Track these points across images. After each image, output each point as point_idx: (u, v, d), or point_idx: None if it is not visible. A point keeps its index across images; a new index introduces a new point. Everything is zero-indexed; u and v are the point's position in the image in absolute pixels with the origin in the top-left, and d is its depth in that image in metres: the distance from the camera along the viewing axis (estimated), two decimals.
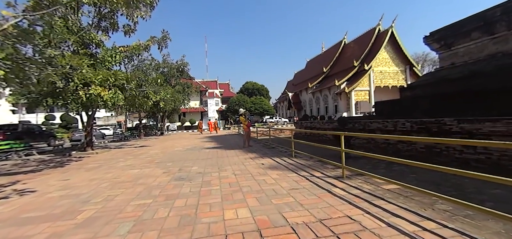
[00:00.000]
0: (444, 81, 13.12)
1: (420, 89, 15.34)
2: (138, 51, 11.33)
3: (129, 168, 6.87)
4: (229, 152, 9.39)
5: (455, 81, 12.20)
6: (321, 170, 5.33)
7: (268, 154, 8.20)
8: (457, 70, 13.16)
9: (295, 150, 7.45)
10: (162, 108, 19.66)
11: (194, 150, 10.81)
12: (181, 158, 8.23)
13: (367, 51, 47.01)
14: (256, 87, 65.73)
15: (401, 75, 46.89)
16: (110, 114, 48.87)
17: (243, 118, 10.89)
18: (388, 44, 45.55)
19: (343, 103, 47.21)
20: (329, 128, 17.08)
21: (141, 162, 7.89)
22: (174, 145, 13.98)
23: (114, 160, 8.64)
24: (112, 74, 8.94)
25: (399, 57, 46.27)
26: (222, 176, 5.26)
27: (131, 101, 12.63)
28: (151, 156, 9.33)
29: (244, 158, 7.59)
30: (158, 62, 24.46)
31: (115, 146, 16.25)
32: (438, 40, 15.36)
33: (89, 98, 9.12)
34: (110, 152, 11.51)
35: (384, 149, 12.31)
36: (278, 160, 6.83)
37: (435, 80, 14.36)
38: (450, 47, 14.48)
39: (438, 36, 15.15)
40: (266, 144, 11.71)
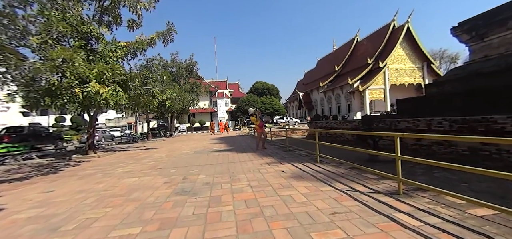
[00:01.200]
0: (477, 76, 11.64)
1: (449, 85, 13.82)
2: (142, 46, 10.41)
3: (126, 176, 5.89)
4: (241, 155, 8.31)
5: (490, 75, 10.76)
6: (362, 181, 4.15)
7: (287, 158, 7.07)
8: (491, 63, 11.67)
9: (319, 154, 6.28)
10: (169, 108, 18.81)
11: (202, 153, 9.79)
12: (187, 163, 7.22)
13: (382, 48, 45.07)
14: (266, 87, 64.57)
15: (418, 73, 44.71)
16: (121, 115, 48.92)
17: (254, 118, 9.76)
18: (404, 40, 43.48)
19: (356, 103, 45.40)
20: (348, 128, 15.76)
21: (142, 167, 6.93)
22: (181, 147, 13.04)
23: (113, 165, 7.72)
24: (109, 68, 8.01)
25: (416, 54, 44.11)
26: (235, 189, 4.16)
27: (135, 100, 11.75)
28: (155, 160, 8.37)
29: (259, 163, 6.49)
30: (166, 61, 23.74)
31: (121, 148, 15.49)
32: (469, 31, 13.80)
33: (87, 97, 8.25)
34: (113, 155, 10.67)
35: (415, 151, 10.93)
36: (300, 166, 5.69)
37: (466, 75, 12.85)
38: (482, 38, 12.95)
39: (468, 27, 13.60)
40: (281, 145, 10.56)
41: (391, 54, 43.16)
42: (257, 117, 9.68)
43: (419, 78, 44.36)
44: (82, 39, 9.37)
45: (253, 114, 9.82)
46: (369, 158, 9.82)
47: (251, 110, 10.02)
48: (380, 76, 43.25)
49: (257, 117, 9.69)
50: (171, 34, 11.32)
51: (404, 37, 42.96)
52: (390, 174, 3.90)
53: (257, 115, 9.72)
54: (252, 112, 9.87)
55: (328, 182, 4.25)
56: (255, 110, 9.84)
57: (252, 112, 9.89)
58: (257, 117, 9.69)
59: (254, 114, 9.78)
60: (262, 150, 9.42)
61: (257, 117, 9.69)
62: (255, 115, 9.75)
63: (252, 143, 12.88)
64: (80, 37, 9.40)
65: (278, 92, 67.99)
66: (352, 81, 44.72)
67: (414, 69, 44.41)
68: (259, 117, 9.72)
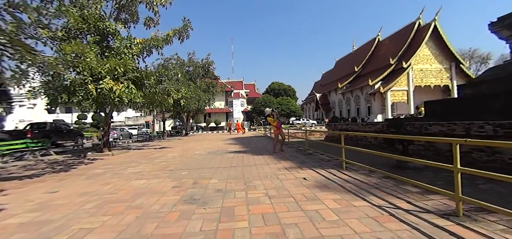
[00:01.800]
0: None
1: (487, 86, 12.51)
2: (158, 43, 10.16)
3: (135, 177, 5.53)
4: (257, 158, 7.76)
5: None
6: (403, 195, 3.45)
7: (307, 162, 6.43)
8: None
9: (346, 160, 5.59)
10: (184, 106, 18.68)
11: (216, 154, 9.35)
12: (199, 165, 6.78)
13: (405, 48, 42.90)
14: (282, 87, 63.72)
15: (445, 74, 42.13)
16: (139, 114, 50.07)
17: (271, 118, 9.16)
18: (430, 40, 41.10)
19: (377, 105, 43.50)
20: (372, 130, 14.78)
21: (152, 168, 6.57)
22: (195, 147, 12.71)
23: (125, 164, 7.44)
24: (121, 64, 7.75)
25: (443, 54, 41.56)
26: (250, 199, 3.61)
27: (150, 99, 11.56)
28: (168, 160, 8.01)
29: (277, 167, 5.90)
30: (183, 61, 23.73)
31: (136, 146, 15.46)
32: (510, 26, 12.47)
33: (101, 94, 8.07)
34: (127, 154, 10.50)
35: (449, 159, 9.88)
36: (324, 173, 5.04)
37: (507, 75, 11.56)
38: None
39: (510, 21, 12.27)
40: (299, 148, 9.90)
41: (416, 54, 40.95)
42: (274, 118, 9.09)
43: (446, 80, 41.78)
44: (99, 36, 9.26)
45: (269, 114, 9.24)
46: (397, 164, 8.94)
47: (268, 110, 9.43)
48: (403, 77, 41.16)
49: (274, 118, 9.10)
50: (187, 31, 11.00)
51: (431, 36, 40.61)
52: (438, 188, 3.19)
53: (274, 115, 9.12)
54: (268, 112, 9.29)
55: (361, 194, 3.59)
56: (271, 111, 9.25)
57: (269, 113, 9.31)
58: (274, 118, 9.10)
59: (271, 114, 9.20)
60: (279, 153, 8.83)
61: (274, 118, 9.10)
62: (272, 115, 9.16)
63: (268, 145, 12.30)
64: (97, 33, 9.29)
65: (295, 93, 66.87)
66: (373, 82, 42.89)
67: (441, 70, 41.89)
68: (276, 118, 9.12)
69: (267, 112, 9.26)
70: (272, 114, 9.13)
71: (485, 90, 12.37)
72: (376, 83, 43.27)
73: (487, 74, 13.98)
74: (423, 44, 40.95)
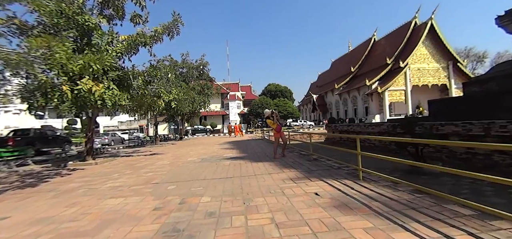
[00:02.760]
0: None
1: (495, 83, 11.80)
2: (145, 39, 9.22)
3: (111, 194, 4.59)
4: (257, 166, 6.87)
5: None
6: (457, 222, 2.59)
7: (314, 170, 5.57)
8: None
9: (362, 168, 4.73)
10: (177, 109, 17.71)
11: (211, 160, 8.44)
12: (190, 176, 5.87)
13: (402, 47, 42.60)
14: (279, 89, 63.02)
15: (442, 73, 41.88)
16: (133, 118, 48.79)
17: (271, 121, 8.28)
18: (427, 39, 40.84)
19: (374, 105, 43.05)
20: (375, 132, 13.99)
21: (136, 181, 5.63)
22: (189, 153, 11.76)
23: (105, 176, 6.48)
24: (97, 59, 6.76)
25: (440, 53, 41.34)
26: (252, 230, 2.72)
27: (138, 101, 10.61)
28: (155, 170, 7.07)
29: (281, 178, 5.02)
30: (176, 61, 22.76)
31: (126, 152, 14.44)
32: None
33: (79, 96, 7.11)
34: (113, 162, 9.50)
35: (466, 161, 9.11)
36: (338, 186, 4.19)
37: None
38: None
39: None
40: (301, 153, 9.04)
41: (413, 53, 40.62)
42: (274, 120, 8.22)
43: (444, 79, 41.52)
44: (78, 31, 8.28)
45: (269, 116, 8.36)
46: (410, 169, 8.10)
47: (267, 111, 8.54)
48: (400, 77, 40.76)
49: (274, 120, 8.22)
50: (178, 27, 10.08)
51: (428, 35, 40.35)
52: (500, 211, 2.34)
53: (274, 117, 8.25)
54: (268, 114, 8.41)
55: (398, 219, 2.72)
56: (271, 112, 8.37)
57: (268, 114, 8.43)
58: (274, 120, 8.22)
59: (271, 116, 8.32)
60: (280, 158, 7.95)
61: (274, 120, 8.22)
62: (272, 117, 8.28)
63: (267, 149, 11.41)
64: (77, 29, 8.32)
65: (292, 95, 66.24)
66: (370, 83, 42.43)
67: (438, 69, 41.64)
68: (276, 120, 8.25)
69: (266, 114, 8.40)
70: (272, 117, 8.27)
71: (494, 88, 11.69)
72: (373, 84, 42.78)
73: (495, 71, 13.31)
74: (420, 43, 40.64)
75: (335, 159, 6.67)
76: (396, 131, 12.42)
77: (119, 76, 8.42)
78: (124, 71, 9.68)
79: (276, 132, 8.28)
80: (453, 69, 41.28)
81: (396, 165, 9.19)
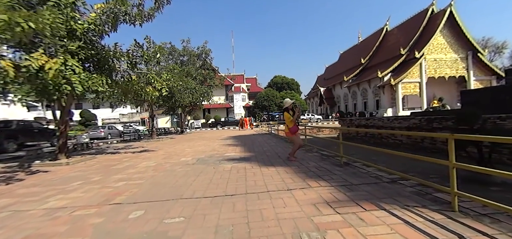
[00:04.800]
0: None
1: None
2: (125, 7, 7.33)
3: (29, 231, 2.82)
4: (268, 172, 5.03)
5: None
6: None
7: (358, 186, 3.71)
8: None
9: (457, 192, 2.83)
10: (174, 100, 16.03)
11: (208, 162, 6.62)
12: (173, 190, 4.07)
13: (417, 36, 39.93)
14: (285, 81, 60.77)
15: (461, 64, 39.18)
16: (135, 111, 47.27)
17: (289, 116, 6.21)
18: (445, 27, 38.11)
19: (386, 98, 40.69)
20: (404, 126, 12.02)
21: (92, 198, 3.81)
22: (184, 150, 9.98)
23: (59, 187, 4.65)
24: (28, 16, 4.65)
25: (459, 42, 38.59)
26: None
27: (123, 88, 8.80)
28: (131, 177, 5.23)
29: (311, 200, 3.15)
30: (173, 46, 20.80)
31: (115, 148, 12.72)
32: None
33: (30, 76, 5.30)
34: (89, 163, 7.70)
35: None
36: (426, 229, 2.33)
37: None
38: None
39: None
40: (323, 153, 7.16)
41: (429, 43, 37.99)
42: (293, 117, 6.16)
43: (462, 70, 38.88)
44: None
45: (288, 108, 6.27)
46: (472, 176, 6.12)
47: (288, 101, 6.42)
48: (415, 68, 38.28)
49: (294, 116, 6.17)
50: None
51: (446, 23, 37.58)
52: None
53: (295, 113, 6.20)
54: (289, 104, 6.30)
55: None
56: (293, 104, 6.32)
57: (289, 106, 6.31)
58: (294, 116, 6.17)
59: (291, 110, 6.25)
60: (295, 161, 6.07)
61: (293, 116, 6.17)
62: (291, 112, 6.21)
63: (277, 147, 9.56)
64: None
65: (299, 87, 63.94)
66: (382, 74, 40.02)
67: (456, 60, 38.94)
68: (296, 117, 6.21)
69: (286, 103, 6.27)
70: (293, 110, 6.22)
71: None
72: (386, 75, 40.36)
73: None
74: (438, 32, 37.96)
75: (372, 161, 4.82)
76: (431, 126, 10.44)
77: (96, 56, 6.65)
78: (105, 50, 7.84)
79: (290, 133, 6.29)
80: (473, 61, 38.53)
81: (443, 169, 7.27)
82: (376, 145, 13.08)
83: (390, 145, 12.56)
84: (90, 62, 7.65)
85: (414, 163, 8.43)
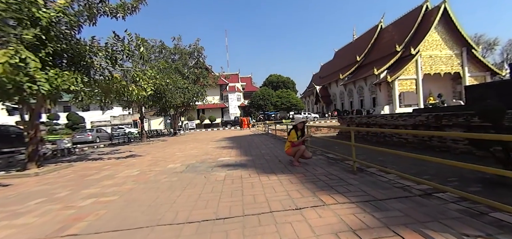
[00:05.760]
0: None
1: None
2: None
3: None
4: (269, 183, 4.23)
5: None
6: None
7: (385, 203, 2.91)
8: None
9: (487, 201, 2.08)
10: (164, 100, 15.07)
11: (199, 170, 5.77)
12: (151, 209, 3.23)
13: (412, 33, 39.69)
14: (281, 80, 60.05)
15: (456, 60, 39.05)
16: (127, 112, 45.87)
17: (296, 135, 5.41)
18: (440, 24, 37.97)
19: (383, 95, 40.36)
20: (409, 124, 11.33)
21: (42, 227, 2.97)
22: (174, 154, 9.09)
23: (13, 207, 3.75)
24: None
25: (454, 39, 38.51)
26: None
27: (103, 87, 7.88)
28: (104, 192, 4.32)
29: (330, 227, 2.36)
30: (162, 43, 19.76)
31: (99, 153, 11.75)
32: None
33: None
34: (60, 173, 6.65)
35: None
36: None
37: None
38: None
39: None
40: (329, 156, 6.39)
41: (425, 40, 37.80)
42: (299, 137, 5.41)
43: (457, 67, 38.77)
44: None
45: (297, 128, 5.48)
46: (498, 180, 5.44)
47: (299, 118, 5.72)
48: (411, 65, 38.02)
49: (300, 137, 5.43)
50: None
51: (441, 19, 37.40)
52: None
53: (305, 134, 5.51)
54: (299, 122, 5.47)
55: None
56: (303, 124, 5.56)
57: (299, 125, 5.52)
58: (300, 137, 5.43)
59: (301, 129, 5.53)
60: (299, 166, 5.27)
61: (299, 136, 5.43)
62: (299, 131, 5.48)
63: (276, 149, 8.76)
64: None
65: (295, 86, 63.31)
66: (379, 72, 39.65)
67: (451, 56, 38.81)
68: (301, 137, 5.47)
69: (297, 120, 5.42)
70: (303, 131, 5.52)
71: None
72: (382, 73, 40.00)
73: None
74: (432, 29, 37.79)
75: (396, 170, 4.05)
76: (439, 123, 9.77)
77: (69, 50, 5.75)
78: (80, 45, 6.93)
79: (291, 146, 5.48)
80: (467, 57, 38.45)
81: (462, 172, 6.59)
82: (379, 144, 12.39)
83: (395, 144, 11.88)
84: (63, 57, 6.72)
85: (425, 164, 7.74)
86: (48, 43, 5.83)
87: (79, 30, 7.29)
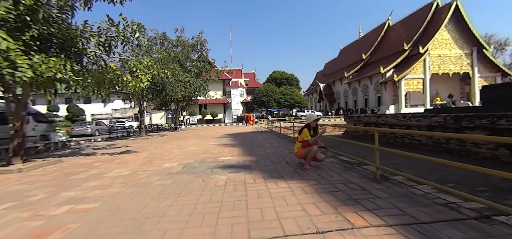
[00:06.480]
0: None
1: None
2: None
3: None
4: (277, 190, 3.60)
5: None
6: None
7: (421, 219, 2.29)
8: None
9: None
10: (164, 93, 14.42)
11: (197, 171, 5.14)
12: (134, 223, 2.62)
13: (421, 32, 38.49)
14: (285, 76, 59.14)
15: (465, 60, 37.90)
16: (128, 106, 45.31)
17: (309, 134, 4.73)
18: (451, 22, 36.76)
19: (388, 94, 39.41)
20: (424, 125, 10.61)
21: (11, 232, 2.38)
22: (172, 151, 8.48)
23: None
24: None
25: (464, 38, 37.30)
26: None
27: (96, 76, 7.22)
28: (87, 196, 3.68)
29: None
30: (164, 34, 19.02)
31: (94, 147, 11.17)
32: None
33: None
34: (46, 169, 6.04)
35: None
36: None
37: None
38: None
39: None
40: (341, 157, 5.73)
41: (434, 38, 36.67)
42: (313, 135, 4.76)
43: (466, 67, 37.66)
44: None
45: (310, 126, 4.82)
46: None
47: (312, 116, 5.12)
48: (419, 64, 36.96)
49: (315, 135, 4.78)
50: None
51: (451, 17, 36.19)
52: None
53: (318, 132, 4.87)
54: (312, 120, 4.80)
55: None
56: (316, 121, 4.90)
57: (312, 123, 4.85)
58: (315, 135, 4.78)
59: (314, 127, 4.89)
60: (310, 170, 4.60)
61: (314, 134, 4.78)
62: (312, 130, 4.83)
63: (283, 148, 8.11)
64: None
65: (298, 83, 62.40)
66: (385, 70, 38.67)
67: (461, 56, 37.64)
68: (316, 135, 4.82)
69: (310, 118, 4.76)
70: (316, 129, 4.88)
71: None
72: (388, 71, 39.03)
73: None
74: (443, 27, 36.63)
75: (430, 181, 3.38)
76: (459, 124, 9.04)
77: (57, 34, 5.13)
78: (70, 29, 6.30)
79: (301, 149, 4.82)
80: (478, 57, 37.31)
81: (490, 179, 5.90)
82: (389, 144, 11.67)
83: (407, 146, 11.16)
84: (51, 42, 6.10)
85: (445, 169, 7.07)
86: (32, 25, 5.18)
87: (72, 14, 6.67)
